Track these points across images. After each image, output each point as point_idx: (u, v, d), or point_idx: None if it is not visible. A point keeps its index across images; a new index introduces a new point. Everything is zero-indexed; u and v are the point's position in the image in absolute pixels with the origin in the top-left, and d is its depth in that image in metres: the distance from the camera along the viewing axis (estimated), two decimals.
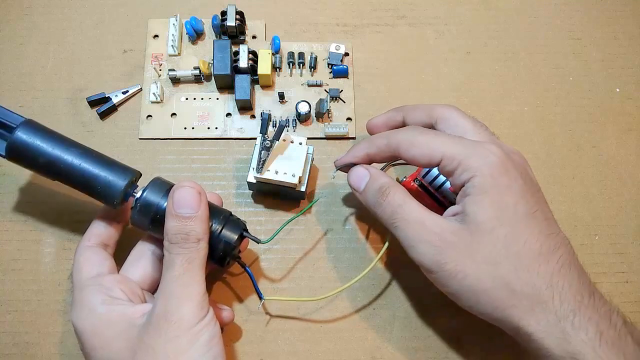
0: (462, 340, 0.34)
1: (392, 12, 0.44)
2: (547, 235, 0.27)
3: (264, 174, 0.34)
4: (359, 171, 0.32)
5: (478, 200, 0.27)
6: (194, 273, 0.28)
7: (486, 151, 0.28)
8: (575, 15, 0.45)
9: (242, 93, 0.38)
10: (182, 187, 0.29)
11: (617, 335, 0.25)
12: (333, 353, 0.34)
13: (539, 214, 0.28)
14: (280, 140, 0.34)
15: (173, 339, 0.26)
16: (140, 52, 0.41)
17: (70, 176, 0.30)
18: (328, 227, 0.37)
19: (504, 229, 0.27)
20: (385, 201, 0.30)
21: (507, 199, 0.27)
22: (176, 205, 0.28)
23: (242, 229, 0.31)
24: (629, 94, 0.42)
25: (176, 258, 0.28)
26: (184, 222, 0.28)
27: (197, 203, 0.28)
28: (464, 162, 0.28)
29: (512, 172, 0.28)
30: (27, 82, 0.40)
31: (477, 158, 0.28)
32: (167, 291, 0.27)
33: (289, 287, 0.35)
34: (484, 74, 0.42)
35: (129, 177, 0.30)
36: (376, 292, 0.35)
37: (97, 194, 0.30)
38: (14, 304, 0.34)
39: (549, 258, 0.26)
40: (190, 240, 0.28)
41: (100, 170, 0.30)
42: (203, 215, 0.29)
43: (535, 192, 0.29)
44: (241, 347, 0.33)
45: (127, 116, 0.39)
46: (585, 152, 0.40)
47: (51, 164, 0.29)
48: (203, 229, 0.28)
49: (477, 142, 0.29)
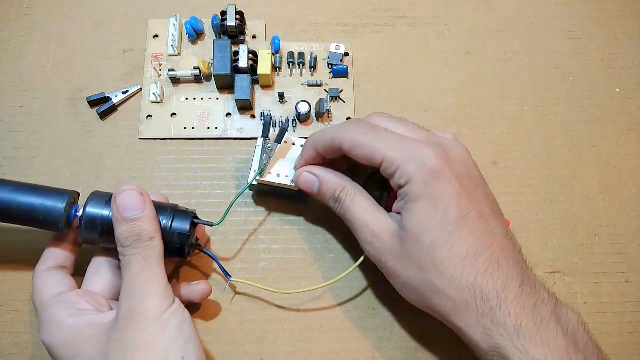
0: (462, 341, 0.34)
1: (392, 12, 0.44)
2: (478, 235, 0.28)
3: (266, 177, 0.34)
4: (307, 176, 0.33)
5: (409, 208, 0.29)
6: (152, 268, 0.28)
7: (423, 156, 0.29)
8: (575, 15, 0.45)
9: (242, 93, 0.38)
10: (123, 191, 0.29)
11: (539, 325, 0.26)
12: (333, 353, 0.34)
13: (472, 215, 0.28)
14: (282, 142, 0.34)
15: (141, 330, 0.26)
16: (140, 52, 0.41)
17: (10, 214, 0.29)
18: (328, 227, 0.37)
19: (430, 236, 0.28)
20: (338, 205, 0.32)
21: (437, 206, 0.28)
22: (121, 210, 0.28)
23: (192, 217, 0.31)
24: (629, 94, 0.42)
25: (132, 259, 0.28)
26: (132, 225, 0.28)
27: (141, 203, 0.29)
28: (402, 167, 0.29)
29: (446, 175, 0.28)
30: (27, 82, 0.40)
31: (413, 164, 0.29)
32: (128, 290, 0.28)
33: (289, 287, 0.35)
34: (484, 74, 0.42)
35: (66, 198, 0.30)
36: (376, 292, 0.35)
37: (40, 223, 0.29)
38: (14, 304, 0.34)
39: (475, 259, 0.27)
40: (143, 240, 0.28)
41: (36, 199, 0.29)
42: (150, 213, 0.29)
43: (472, 191, 0.29)
44: (241, 347, 0.33)
45: (127, 116, 0.39)
46: (585, 152, 0.40)
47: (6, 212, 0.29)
48: (153, 227, 0.29)
49: (417, 145, 0.29)
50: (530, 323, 0.26)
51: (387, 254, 0.30)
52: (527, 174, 0.39)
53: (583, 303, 0.36)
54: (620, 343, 0.35)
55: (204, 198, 0.37)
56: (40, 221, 0.29)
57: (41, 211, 0.29)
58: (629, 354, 0.35)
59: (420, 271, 0.28)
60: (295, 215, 0.37)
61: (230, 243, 0.36)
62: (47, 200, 0.29)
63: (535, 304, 0.27)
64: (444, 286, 0.28)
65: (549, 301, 0.28)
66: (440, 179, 0.28)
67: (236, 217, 0.37)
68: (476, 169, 0.31)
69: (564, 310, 0.28)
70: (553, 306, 0.27)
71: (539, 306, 0.27)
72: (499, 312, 0.26)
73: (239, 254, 0.35)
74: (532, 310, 0.27)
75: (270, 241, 0.36)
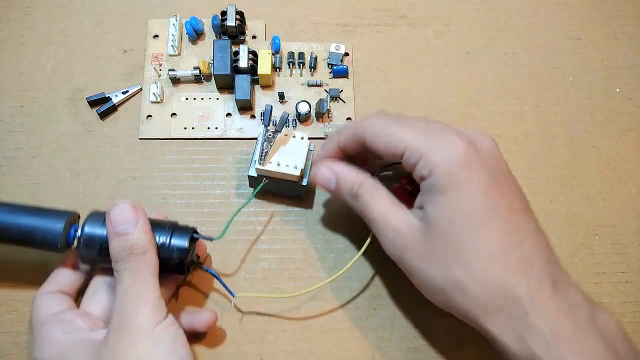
0: (462, 340, 0.34)
1: (392, 12, 0.44)
2: (508, 231, 0.26)
3: (266, 165, 0.34)
4: (323, 173, 0.32)
5: (434, 201, 0.27)
6: (144, 281, 0.27)
7: (448, 145, 0.27)
8: (575, 15, 0.45)
9: (242, 93, 0.38)
10: (116, 205, 0.29)
11: (576, 332, 0.24)
12: (333, 353, 0.34)
13: (501, 209, 0.26)
14: (282, 134, 0.34)
15: (132, 344, 0.26)
16: (140, 52, 0.41)
17: (9, 235, 0.29)
18: (328, 227, 0.37)
19: (456, 231, 0.26)
20: (356, 202, 0.31)
21: (464, 198, 0.26)
22: (114, 225, 0.28)
23: (191, 233, 0.31)
24: (629, 94, 0.42)
25: (124, 272, 0.27)
26: (125, 238, 0.28)
27: (134, 216, 0.28)
28: (425, 156, 0.27)
29: (474, 165, 0.27)
30: (27, 82, 0.40)
31: (438, 152, 0.27)
32: (119, 303, 0.27)
33: (289, 287, 0.35)
34: (484, 74, 0.42)
35: (65, 219, 0.29)
36: (376, 292, 0.35)
37: (39, 243, 0.29)
38: (14, 304, 0.34)
39: (505, 257, 0.26)
40: (135, 254, 0.28)
41: (35, 220, 0.29)
42: (143, 226, 0.28)
43: (501, 183, 0.27)
44: (241, 347, 0.33)
45: (127, 116, 0.39)
46: (585, 152, 0.40)
47: None
48: (147, 240, 0.28)
49: (442, 132, 0.28)
50: (568, 329, 0.24)
51: (409, 251, 0.28)
52: (527, 174, 0.39)
53: None
54: None
55: (204, 198, 0.37)
56: (40, 241, 0.29)
57: (40, 232, 0.29)
58: None
59: (446, 269, 0.26)
60: (295, 215, 0.37)
61: (230, 243, 0.36)
62: (46, 222, 0.29)
63: (570, 308, 0.25)
64: (471, 285, 0.26)
65: (585, 304, 0.26)
66: (468, 169, 0.26)
67: (236, 217, 0.37)
68: (505, 163, 0.29)
69: (601, 314, 0.26)
70: (590, 310, 0.25)
71: (575, 310, 0.25)
72: (532, 315, 0.24)
73: (238, 254, 0.35)
74: (568, 315, 0.24)
75: (270, 241, 0.36)
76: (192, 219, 0.37)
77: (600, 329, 0.25)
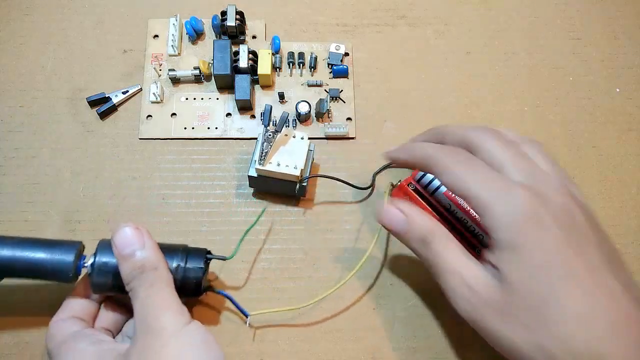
0: (462, 341, 0.34)
1: (392, 12, 0.44)
2: (590, 292, 0.24)
3: (266, 165, 0.34)
4: (394, 213, 0.30)
5: (508, 259, 0.25)
6: (161, 291, 0.27)
7: (513, 198, 0.25)
8: (575, 15, 0.45)
9: (242, 93, 0.38)
10: (119, 229, 0.28)
11: None
12: (333, 353, 0.34)
13: (579, 269, 0.24)
14: (282, 134, 0.34)
15: (163, 346, 0.25)
16: (140, 52, 0.41)
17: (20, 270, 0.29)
18: (328, 227, 0.37)
19: (537, 291, 0.24)
20: (427, 249, 0.28)
21: (538, 256, 0.24)
22: (120, 248, 0.28)
23: (205, 254, 0.31)
24: (629, 94, 0.42)
25: (138, 288, 0.27)
26: (134, 260, 0.28)
27: (139, 237, 0.28)
28: (489, 209, 0.25)
29: (545, 221, 0.25)
30: (27, 82, 0.40)
31: (501, 206, 0.25)
32: (140, 315, 0.27)
33: (289, 287, 0.35)
34: (484, 74, 0.42)
35: (75, 250, 0.30)
36: (376, 292, 0.35)
37: (50, 275, 0.29)
38: (14, 304, 0.34)
39: (591, 321, 0.23)
40: (146, 270, 0.27)
41: (45, 254, 0.29)
42: (149, 245, 0.28)
43: (576, 239, 0.25)
44: (241, 347, 0.33)
45: (127, 116, 0.39)
46: (585, 152, 0.40)
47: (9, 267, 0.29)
48: (155, 257, 0.28)
49: (508, 184, 0.26)
50: None
51: (486, 311, 0.26)
52: None
53: None
54: None
55: (204, 198, 0.37)
56: (51, 273, 0.29)
57: (50, 264, 0.29)
58: None
59: (528, 331, 0.24)
60: (295, 215, 0.37)
61: (231, 243, 0.36)
62: (55, 254, 0.29)
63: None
64: (556, 349, 0.23)
65: None
66: (538, 225, 0.25)
67: (236, 217, 0.37)
68: (582, 214, 0.26)
69: None
70: None
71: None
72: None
73: (238, 254, 0.35)
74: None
75: (270, 241, 0.36)
76: (192, 219, 0.37)
77: None
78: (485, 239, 0.31)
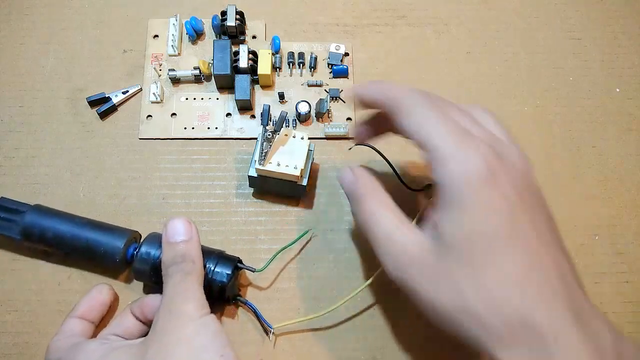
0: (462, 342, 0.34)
1: (392, 12, 0.44)
2: (532, 257, 0.24)
3: (266, 165, 0.34)
4: (346, 172, 0.30)
5: (451, 217, 0.24)
6: (191, 281, 0.29)
7: (473, 155, 0.24)
8: (575, 15, 0.45)
9: (242, 93, 0.38)
10: (174, 218, 0.31)
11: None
12: (333, 353, 0.34)
13: (527, 231, 0.24)
14: (282, 134, 0.34)
15: (181, 326, 0.27)
16: (140, 52, 0.41)
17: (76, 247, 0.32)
18: (328, 227, 0.37)
19: (474, 253, 0.24)
20: (359, 208, 0.28)
21: (486, 218, 0.24)
22: (169, 234, 0.30)
23: (236, 262, 0.32)
24: (629, 94, 0.42)
25: (174, 273, 0.29)
26: (179, 248, 0.30)
27: (189, 229, 0.30)
28: (446, 163, 0.24)
29: (501, 183, 0.24)
30: (27, 82, 0.40)
31: (459, 163, 0.24)
32: (168, 295, 0.29)
33: (289, 287, 0.35)
34: (484, 74, 0.42)
35: (126, 237, 0.33)
36: (377, 292, 0.35)
37: (100, 257, 0.32)
38: (14, 304, 0.34)
39: (527, 284, 0.23)
40: (186, 260, 0.29)
41: (101, 236, 0.32)
42: (195, 239, 0.30)
43: (533, 208, 0.25)
44: (241, 347, 0.33)
45: (127, 116, 0.39)
46: (585, 152, 0.40)
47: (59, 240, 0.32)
48: (197, 253, 0.30)
49: (470, 139, 0.25)
50: None
51: (414, 271, 0.25)
52: None
53: None
54: None
55: (204, 198, 0.37)
56: (101, 253, 0.32)
57: (103, 245, 0.32)
58: None
59: (457, 293, 0.24)
60: (295, 215, 0.37)
61: (230, 243, 0.36)
62: (111, 238, 0.32)
63: (597, 345, 0.22)
64: (486, 312, 0.23)
65: (611, 338, 0.23)
66: (493, 186, 0.24)
67: (236, 217, 0.37)
68: (535, 183, 0.26)
69: (624, 345, 0.23)
70: (617, 345, 0.23)
71: (600, 343, 0.23)
72: (555, 349, 0.22)
73: (238, 254, 0.35)
74: (594, 352, 0.22)
75: (270, 241, 0.36)
76: (192, 219, 0.36)
77: None
78: None
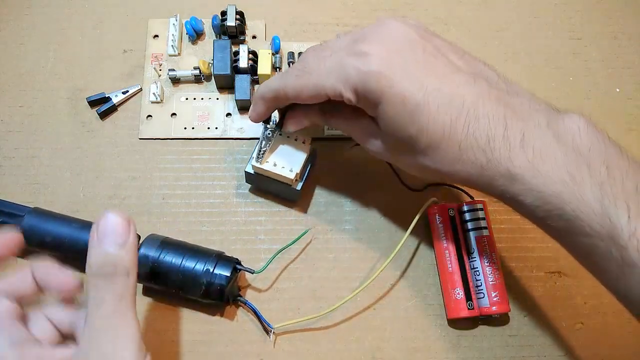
0: (462, 341, 0.34)
1: (392, 12, 0.44)
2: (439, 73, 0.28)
3: (263, 164, 0.34)
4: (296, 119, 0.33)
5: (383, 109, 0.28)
6: (127, 311, 0.24)
7: (347, 68, 0.27)
8: (575, 15, 0.45)
9: (242, 93, 0.38)
10: (109, 212, 0.25)
11: (532, 160, 0.25)
12: (333, 353, 0.34)
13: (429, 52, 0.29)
14: (284, 135, 0.35)
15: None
16: (140, 52, 0.41)
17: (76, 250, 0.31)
18: (328, 227, 0.37)
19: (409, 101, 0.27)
20: None
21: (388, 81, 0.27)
22: (100, 232, 0.24)
23: (234, 263, 0.32)
24: (629, 94, 0.42)
25: (105, 295, 0.23)
26: (109, 253, 0.24)
27: (126, 230, 0.25)
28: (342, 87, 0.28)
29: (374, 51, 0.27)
30: (27, 82, 0.40)
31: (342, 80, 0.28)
32: (97, 333, 0.23)
33: (289, 287, 0.35)
34: None
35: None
36: (376, 292, 0.35)
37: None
38: None
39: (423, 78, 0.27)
40: (119, 273, 0.24)
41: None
42: (132, 242, 0.25)
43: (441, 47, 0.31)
44: (241, 347, 0.33)
45: (127, 116, 0.39)
46: None
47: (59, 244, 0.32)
48: (132, 261, 0.25)
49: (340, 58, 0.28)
50: (523, 160, 0.25)
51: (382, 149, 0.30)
52: None
53: (583, 303, 0.36)
54: (620, 343, 0.35)
55: (204, 198, 0.37)
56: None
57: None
58: (629, 354, 0.35)
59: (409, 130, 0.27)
60: (295, 215, 0.37)
61: (230, 243, 0.36)
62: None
63: (523, 133, 0.26)
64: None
65: (542, 120, 0.26)
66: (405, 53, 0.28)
67: (236, 217, 0.37)
68: None
69: (560, 121, 0.26)
70: (546, 123, 0.26)
71: (531, 133, 0.26)
72: (491, 154, 0.26)
73: (238, 253, 0.35)
74: (520, 146, 0.25)
75: (270, 241, 0.36)
76: (192, 219, 0.37)
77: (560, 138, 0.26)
78: None
